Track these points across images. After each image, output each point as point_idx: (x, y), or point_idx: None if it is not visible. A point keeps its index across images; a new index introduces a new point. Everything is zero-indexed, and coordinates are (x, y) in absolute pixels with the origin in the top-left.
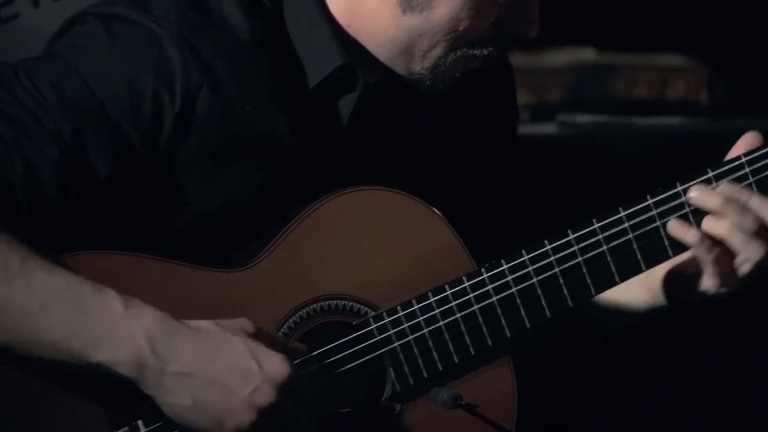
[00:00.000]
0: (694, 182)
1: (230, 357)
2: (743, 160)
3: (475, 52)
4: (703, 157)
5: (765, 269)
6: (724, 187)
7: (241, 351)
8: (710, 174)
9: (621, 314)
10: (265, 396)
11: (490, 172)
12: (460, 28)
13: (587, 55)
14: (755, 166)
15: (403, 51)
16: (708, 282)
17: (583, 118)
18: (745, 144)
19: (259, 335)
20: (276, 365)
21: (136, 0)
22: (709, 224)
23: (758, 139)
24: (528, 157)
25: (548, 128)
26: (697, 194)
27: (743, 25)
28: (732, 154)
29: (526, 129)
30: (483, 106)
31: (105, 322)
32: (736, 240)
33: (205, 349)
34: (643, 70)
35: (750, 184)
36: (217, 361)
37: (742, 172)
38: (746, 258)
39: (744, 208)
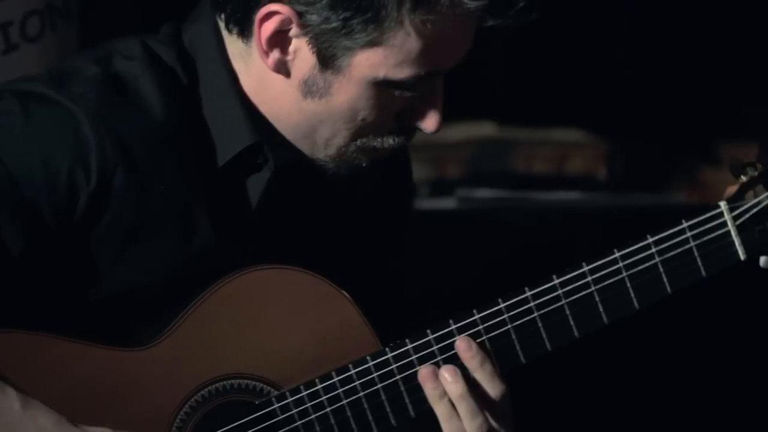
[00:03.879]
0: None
1: None
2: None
3: (376, 144)
4: (601, 232)
5: None
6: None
7: None
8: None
9: None
10: None
11: (386, 251)
12: (359, 118)
13: (486, 129)
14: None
15: (306, 136)
16: None
17: (482, 193)
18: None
19: None
20: None
21: (55, 77)
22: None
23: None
24: (427, 231)
25: (447, 203)
26: (464, 345)
27: (640, 100)
28: None
29: (425, 204)
30: (381, 187)
31: (1, 421)
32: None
33: None
34: (542, 146)
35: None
36: None
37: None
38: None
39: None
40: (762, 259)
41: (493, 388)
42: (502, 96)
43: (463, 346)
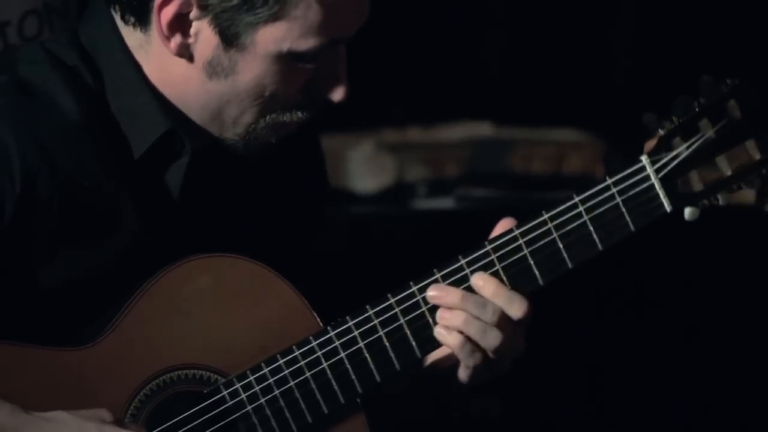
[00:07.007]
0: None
1: None
2: (488, 248)
3: (284, 118)
4: None
5: (517, 357)
6: (474, 277)
7: None
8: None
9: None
10: None
11: (309, 225)
12: (267, 94)
13: (484, 129)
14: (500, 252)
15: (214, 117)
16: (462, 373)
17: (480, 193)
18: (501, 228)
19: (118, 423)
20: None
21: None
22: (444, 316)
23: (513, 222)
24: (425, 231)
25: (446, 203)
26: (435, 293)
27: (638, 101)
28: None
29: (423, 203)
30: (291, 170)
31: None
32: (473, 331)
33: None
34: (540, 145)
35: (497, 271)
36: None
37: (488, 259)
38: (487, 346)
39: (482, 301)
40: (686, 211)
41: (518, 308)
42: (500, 96)
43: (478, 281)
